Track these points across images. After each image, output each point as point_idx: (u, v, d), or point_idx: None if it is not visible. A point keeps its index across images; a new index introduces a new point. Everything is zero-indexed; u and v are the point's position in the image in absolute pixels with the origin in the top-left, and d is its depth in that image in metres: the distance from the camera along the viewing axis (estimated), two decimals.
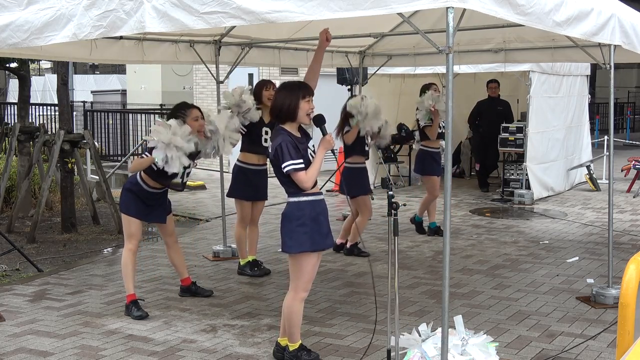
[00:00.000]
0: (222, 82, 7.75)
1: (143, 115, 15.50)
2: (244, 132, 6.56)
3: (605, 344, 5.03)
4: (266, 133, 6.65)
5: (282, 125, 4.50)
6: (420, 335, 4.40)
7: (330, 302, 6.02)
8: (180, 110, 5.59)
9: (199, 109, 5.71)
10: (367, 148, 7.54)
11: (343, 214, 9.82)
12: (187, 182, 6.49)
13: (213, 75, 7.85)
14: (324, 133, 4.44)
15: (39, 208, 8.67)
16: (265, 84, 6.78)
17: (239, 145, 6.69)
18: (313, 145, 5.06)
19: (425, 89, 8.39)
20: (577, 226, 9.32)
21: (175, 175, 5.55)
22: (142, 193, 5.68)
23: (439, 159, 8.72)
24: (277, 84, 5.04)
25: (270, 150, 4.48)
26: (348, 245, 7.74)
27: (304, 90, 4.48)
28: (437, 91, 8.30)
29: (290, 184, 4.44)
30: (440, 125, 8.39)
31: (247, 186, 6.76)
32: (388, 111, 10.42)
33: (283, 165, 4.35)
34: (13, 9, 4.68)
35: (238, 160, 6.85)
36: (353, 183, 7.27)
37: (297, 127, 4.53)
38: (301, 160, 4.36)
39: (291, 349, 4.64)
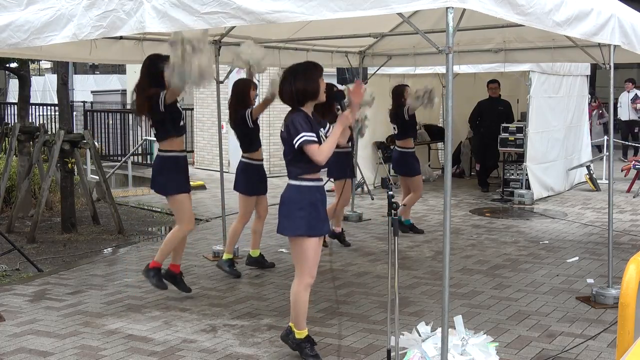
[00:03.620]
0: (222, 82, 7.75)
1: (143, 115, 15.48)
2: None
3: (605, 344, 5.03)
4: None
5: (301, 107, 4.52)
6: (420, 335, 4.41)
7: (330, 302, 6.02)
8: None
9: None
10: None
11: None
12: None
13: (213, 76, 7.84)
14: (343, 109, 4.48)
15: (39, 208, 8.67)
16: (250, 84, 6.72)
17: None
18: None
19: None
20: (577, 226, 9.32)
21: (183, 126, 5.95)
22: (177, 162, 5.88)
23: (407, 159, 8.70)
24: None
25: (282, 128, 4.53)
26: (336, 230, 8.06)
27: (320, 69, 4.57)
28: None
29: (298, 163, 4.45)
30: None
31: (252, 181, 6.78)
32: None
33: (296, 138, 4.34)
34: (13, 9, 4.68)
35: (244, 157, 6.84)
36: (336, 166, 7.33)
37: (310, 109, 4.57)
38: (314, 134, 4.38)
39: (297, 336, 4.67)
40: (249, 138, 6.76)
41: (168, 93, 5.62)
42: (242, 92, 6.67)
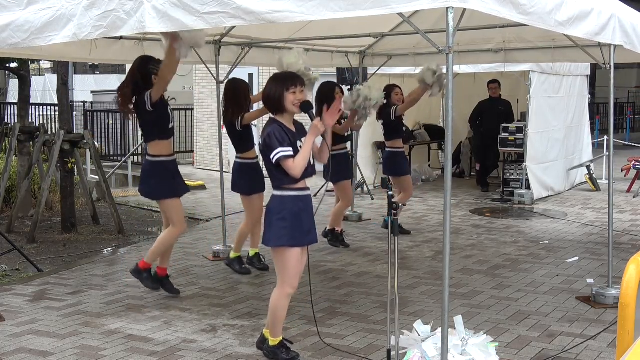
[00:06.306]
0: (222, 82, 7.74)
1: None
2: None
3: (605, 344, 5.03)
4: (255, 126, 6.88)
5: (274, 116, 4.50)
6: (420, 335, 4.40)
7: (330, 302, 6.02)
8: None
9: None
10: (347, 133, 7.86)
11: None
12: (188, 184, 6.49)
13: (213, 76, 7.86)
14: (312, 118, 4.41)
15: (39, 208, 8.67)
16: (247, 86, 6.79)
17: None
18: None
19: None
20: (577, 226, 9.32)
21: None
22: (165, 165, 5.83)
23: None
24: None
25: (260, 141, 4.49)
26: (327, 228, 8.07)
27: (290, 81, 4.44)
28: None
29: (278, 175, 4.42)
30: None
31: (256, 180, 6.78)
32: None
33: (273, 154, 4.33)
34: (13, 9, 4.68)
35: (237, 157, 6.83)
36: (334, 169, 7.37)
37: (289, 119, 4.50)
38: (290, 149, 4.34)
39: (271, 343, 4.66)
40: (238, 138, 6.75)
41: (154, 91, 5.57)
42: (241, 93, 6.62)
